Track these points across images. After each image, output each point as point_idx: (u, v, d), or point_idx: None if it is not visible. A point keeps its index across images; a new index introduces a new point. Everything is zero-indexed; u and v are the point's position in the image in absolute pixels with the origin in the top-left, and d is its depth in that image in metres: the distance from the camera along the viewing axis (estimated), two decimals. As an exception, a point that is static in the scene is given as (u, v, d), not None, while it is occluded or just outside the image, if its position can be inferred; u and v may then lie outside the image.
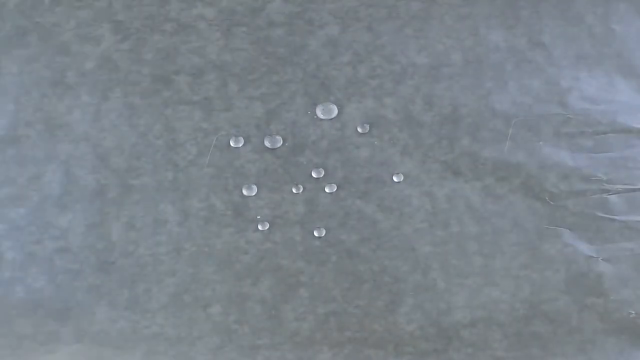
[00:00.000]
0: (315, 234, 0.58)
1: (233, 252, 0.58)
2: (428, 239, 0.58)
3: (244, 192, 0.59)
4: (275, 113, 0.60)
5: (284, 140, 0.59)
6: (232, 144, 0.59)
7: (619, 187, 0.59)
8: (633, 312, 0.57)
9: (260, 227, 0.58)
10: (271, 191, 0.59)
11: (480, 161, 0.59)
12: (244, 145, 0.59)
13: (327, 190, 0.59)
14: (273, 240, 0.58)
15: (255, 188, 0.59)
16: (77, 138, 0.59)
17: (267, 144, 0.59)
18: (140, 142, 0.59)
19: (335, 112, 0.60)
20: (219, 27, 0.60)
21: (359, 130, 0.60)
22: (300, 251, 0.58)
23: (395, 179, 0.59)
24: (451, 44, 0.60)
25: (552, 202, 0.59)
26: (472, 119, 0.60)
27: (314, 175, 0.59)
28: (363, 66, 0.60)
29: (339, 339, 0.57)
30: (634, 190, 0.59)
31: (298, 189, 0.59)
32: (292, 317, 0.57)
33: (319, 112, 0.60)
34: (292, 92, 0.60)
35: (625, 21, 0.61)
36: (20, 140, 0.59)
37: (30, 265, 0.58)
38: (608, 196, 0.59)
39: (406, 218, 0.58)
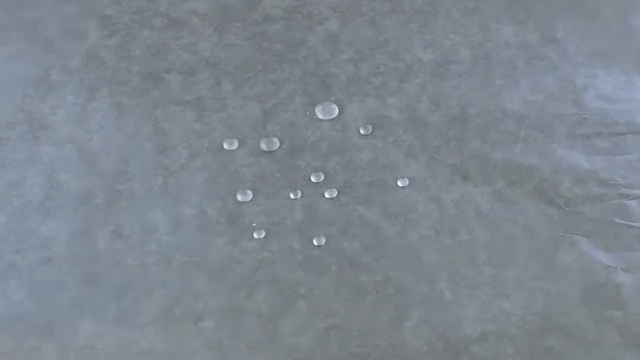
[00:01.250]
0: (315, 242, 0.58)
1: (227, 262, 0.57)
2: (435, 248, 0.58)
3: (239, 197, 0.58)
4: (271, 113, 0.59)
5: (281, 143, 0.59)
6: (225, 146, 0.59)
7: (638, 191, 0.59)
8: (654, 325, 0.55)
9: (255, 236, 0.58)
10: (267, 197, 0.58)
11: (491, 164, 0.59)
12: (238, 147, 0.59)
13: (327, 195, 0.59)
14: (270, 249, 0.58)
15: (250, 193, 0.58)
16: (61, 140, 0.59)
17: (263, 146, 0.59)
18: (128, 145, 0.58)
19: (336, 112, 0.60)
20: (212, 22, 0.60)
21: (361, 131, 0.59)
22: (299, 261, 0.58)
23: (399, 183, 0.59)
24: (459, 39, 0.60)
25: (567, 208, 0.58)
26: (482, 120, 0.59)
27: (313, 179, 0.59)
28: (365, 63, 0.60)
29: (340, 355, 0.57)
30: (654, 195, 0.57)
31: (296, 194, 0.59)
32: (290, 331, 0.57)
33: (319, 112, 0.60)
34: (290, 91, 0.60)
35: (644, 15, 0.59)
36: (1, 142, 0.59)
37: (10, 276, 0.57)
38: (627, 201, 0.58)
39: (411, 225, 0.58)
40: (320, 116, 0.59)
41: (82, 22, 0.59)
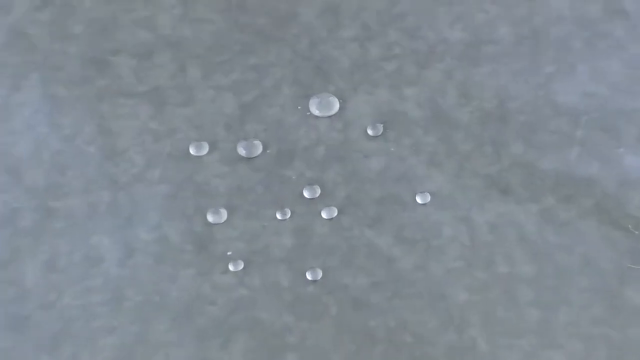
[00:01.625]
0: (309, 276, 0.58)
1: (194, 302, 0.58)
2: (465, 283, 0.58)
3: (210, 218, 0.59)
4: (252, 108, 0.60)
5: (265, 147, 0.60)
6: (192, 151, 0.59)
7: None
8: None
9: (231, 268, 0.58)
10: (247, 217, 0.59)
11: (538, 175, 0.59)
12: (209, 153, 0.59)
13: (324, 215, 0.59)
14: (250, 286, 0.58)
15: (224, 213, 0.59)
16: (-23, 144, 0.60)
17: (241, 151, 0.59)
18: (65, 150, 0.59)
19: (336, 107, 0.60)
20: (174, -10, 0.62)
21: (369, 132, 0.60)
22: (288, 301, 0.58)
23: (419, 199, 0.59)
24: (496, 12, 0.61)
25: (636, 232, 0.59)
26: (526, 117, 0.60)
27: (306, 194, 0.59)
28: (374, 44, 0.60)
29: (341, 423, 0.58)
30: None
31: (284, 213, 0.59)
32: (276, 392, 0.58)
33: (314, 107, 0.60)
34: (277, 80, 0.60)
35: None
36: None
37: None
38: None
39: (434, 254, 0.59)
40: (316, 112, 0.60)
41: (5, -10, 0.61)
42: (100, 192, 0.59)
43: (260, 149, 0.59)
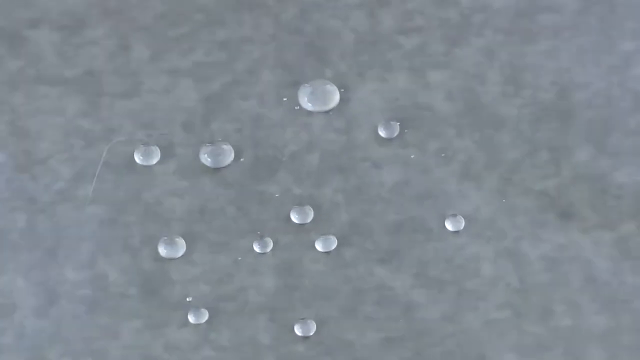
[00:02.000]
0: (298, 331, 0.53)
1: None
2: (512, 340, 0.53)
3: (162, 251, 0.54)
4: (221, 101, 0.56)
5: (238, 153, 0.56)
6: (138, 159, 0.55)
7: None
8: None
9: (192, 319, 0.53)
10: (213, 250, 0.54)
11: (612, 192, 0.55)
12: (161, 161, 0.55)
13: (319, 247, 0.54)
14: (217, 343, 0.53)
15: (182, 244, 0.54)
16: None
17: (205, 159, 0.55)
18: None
19: (336, 98, 0.56)
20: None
21: (381, 132, 0.56)
22: None
23: (449, 225, 0.55)
24: None
25: None
26: (596, 112, 0.56)
27: (294, 218, 0.55)
28: (386, 12, 0.56)
29: None
30: None
31: (264, 245, 0.54)
32: None
33: (305, 99, 0.56)
34: (254, 61, 0.56)
35: None
36: None
37: None
38: None
39: (470, 300, 0.54)
40: (308, 106, 0.55)
41: None
42: (13, 215, 0.55)
43: (231, 156, 0.56)
